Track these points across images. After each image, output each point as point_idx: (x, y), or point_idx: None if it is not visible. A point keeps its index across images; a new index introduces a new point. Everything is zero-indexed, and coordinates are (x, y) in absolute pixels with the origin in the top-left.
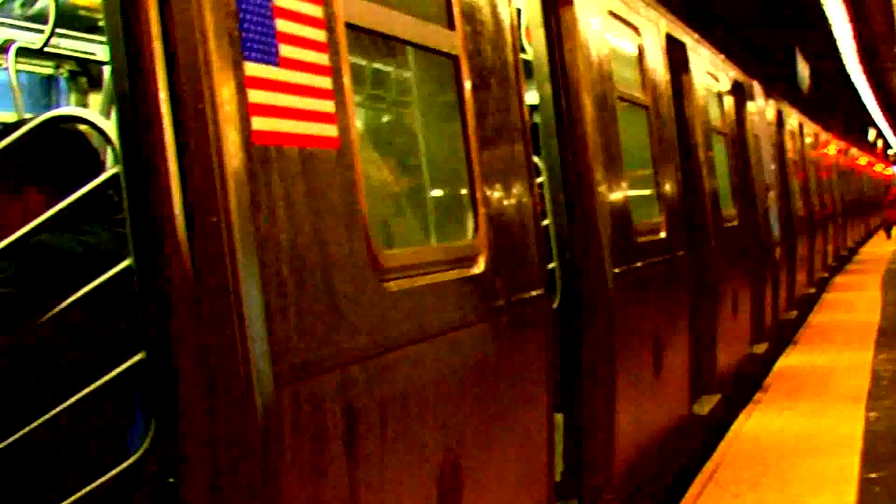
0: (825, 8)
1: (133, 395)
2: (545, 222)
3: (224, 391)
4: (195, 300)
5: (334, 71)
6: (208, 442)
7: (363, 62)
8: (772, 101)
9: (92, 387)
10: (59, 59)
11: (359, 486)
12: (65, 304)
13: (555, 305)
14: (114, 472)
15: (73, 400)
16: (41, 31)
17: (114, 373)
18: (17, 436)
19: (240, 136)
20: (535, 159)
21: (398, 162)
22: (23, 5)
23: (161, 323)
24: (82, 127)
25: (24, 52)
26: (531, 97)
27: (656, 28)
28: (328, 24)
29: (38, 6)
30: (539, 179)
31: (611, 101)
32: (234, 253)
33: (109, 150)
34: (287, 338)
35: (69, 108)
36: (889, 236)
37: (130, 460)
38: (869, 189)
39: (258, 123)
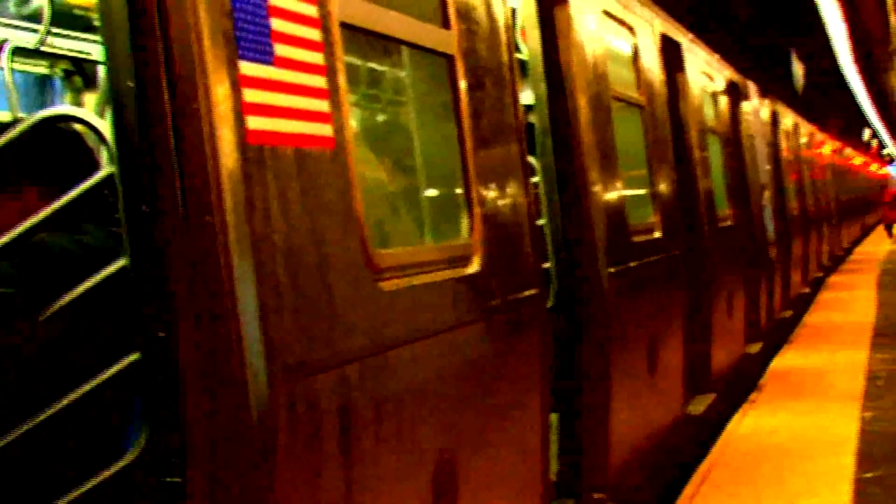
0: (820, 8)
1: (129, 394)
2: (540, 222)
3: (219, 391)
4: (190, 300)
5: (329, 70)
6: (204, 441)
7: (358, 62)
8: (767, 101)
9: (88, 386)
10: (53, 58)
11: (354, 484)
12: (60, 303)
13: (549, 305)
14: (110, 471)
15: (68, 399)
16: (36, 31)
17: (109, 372)
18: (13, 436)
19: (235, 136)
20: (531, 159)
21: (393, 162)
22: (17, 4)
23: (156, 323)
24: (78, 126)
25: (18, 52)
26: (526, 97)
27: (651, 28)
28: (323, 23)
29: (32, 5)
30: (534, 179)
31: (605, 101)
32: (229, 253)
33: (105, 150)
34: (282, 337)
35: (64, 108)
36: (891, 235)
37: (126, 459)
38: (864, 189)
39: (253, 123)
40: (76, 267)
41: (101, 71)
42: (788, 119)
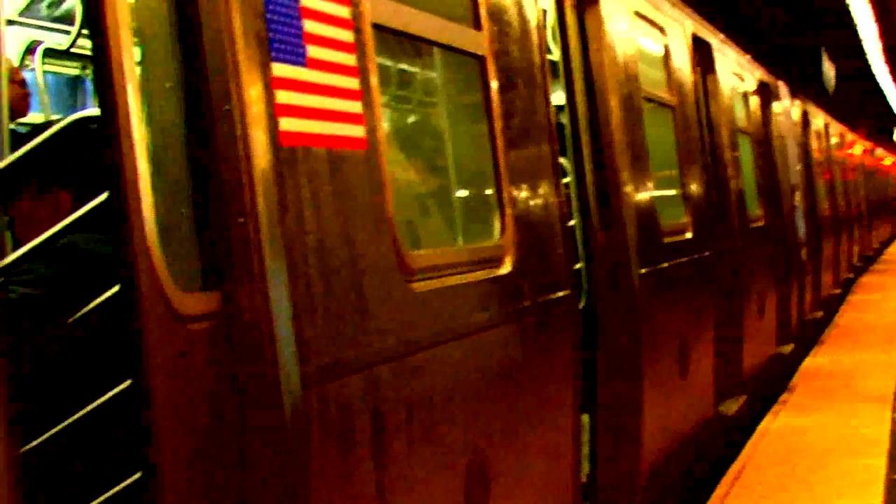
0: (851, 8)
1: None
2: (571, 223)
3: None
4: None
5: (361, 71)
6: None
7: (390, 63)
8: (797, 102)
9: (119, 388)
10: (85, 59)
11: (386, 486)
12: (93, 304)
13: (581, 306)
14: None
15: (104, 399)
16: (68, 33)
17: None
18: (44, 437)
19: (267, 137)
20: (562, 160)
21: (425, 163)
22: (49, 6)
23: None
24: None
25: (50, 53)
26: (557, 98)
27: (682, 28)
28: (355, 24)
29: (64, 7)
30: (565, 180)
31: (637, 102)
32: (262, 254)
33: None
34: (315, 339)
35: (97, 109)
36: None
37: None
38: (894, 189)
39: (286, 124)
40: (107, 269)
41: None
42: (819, 119)
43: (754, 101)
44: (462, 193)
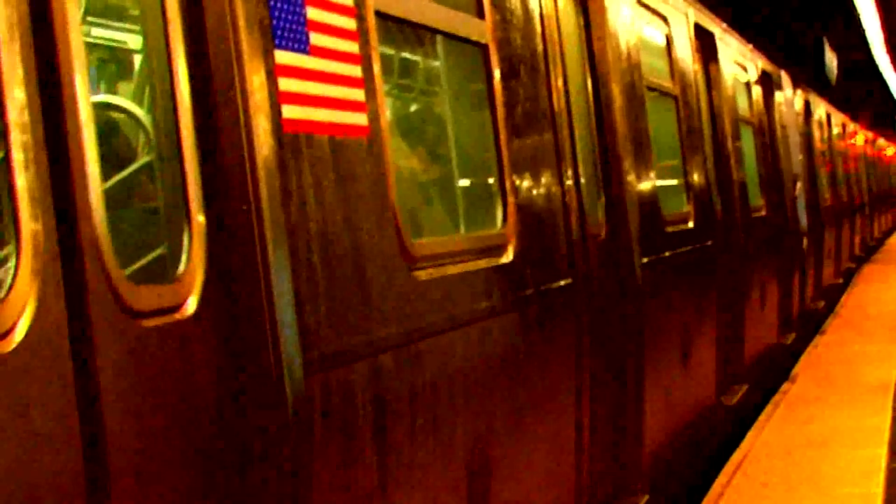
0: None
1: None
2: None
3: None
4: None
5: (364, 59)
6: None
7: (392, 51)
8: (799, 91)
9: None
10: (88, 47)
11: (388, 474)
12: None
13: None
14: None
15: None
16: None
17: None
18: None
19: (270, 124)
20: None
21: (427, 151)
22: None
23: None
24: (115, 114)
25: None
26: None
27: (685, 18)
28: (358, 12)
29: None
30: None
31: (639, 91)
32: (264, 241)
33: (142, 138)
34: (317, 326)
35: (101, 96)
36: None
37: None
38: None
39: (288, 111)
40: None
41: (137, 60)
42: (821, 109)
43: (756, 91)
44: (465, 182)
